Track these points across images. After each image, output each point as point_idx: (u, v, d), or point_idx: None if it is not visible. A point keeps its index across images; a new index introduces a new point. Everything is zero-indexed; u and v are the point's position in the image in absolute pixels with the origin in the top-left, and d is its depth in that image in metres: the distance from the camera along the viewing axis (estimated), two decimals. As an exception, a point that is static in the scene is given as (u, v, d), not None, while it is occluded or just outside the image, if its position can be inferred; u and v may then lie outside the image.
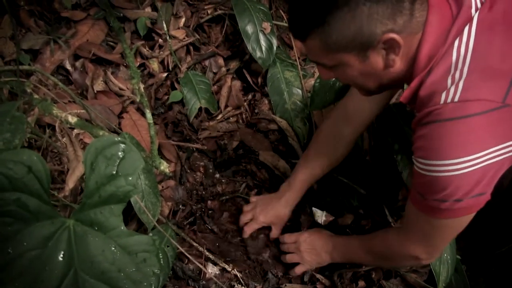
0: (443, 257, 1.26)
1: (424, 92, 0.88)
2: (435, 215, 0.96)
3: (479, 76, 0.82)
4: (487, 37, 0.84)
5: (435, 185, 0.89)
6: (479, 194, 0.88)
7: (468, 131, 0.83)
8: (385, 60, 0.91)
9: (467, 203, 0.89)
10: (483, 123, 0.82)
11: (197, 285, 1.38)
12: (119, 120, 1.57)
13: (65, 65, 1.63)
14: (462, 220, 0.96)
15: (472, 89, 0.82)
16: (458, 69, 0.84)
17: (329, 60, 0.94)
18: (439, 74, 0.87)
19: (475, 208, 0.92)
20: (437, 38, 0.87)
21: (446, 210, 0.92)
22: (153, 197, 1.31)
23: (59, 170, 1.41)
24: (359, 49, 0.89)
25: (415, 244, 1.09)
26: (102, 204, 0.83)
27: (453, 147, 0.84)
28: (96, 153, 0.83)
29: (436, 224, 0.99)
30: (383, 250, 1.21)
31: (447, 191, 0.88)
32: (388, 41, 0.87)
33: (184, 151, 1.64)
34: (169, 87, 1.79)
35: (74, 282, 0.79)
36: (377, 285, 1.47)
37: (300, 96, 1.74)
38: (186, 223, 1.49)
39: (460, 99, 0.82)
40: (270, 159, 1.66)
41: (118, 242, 0.82)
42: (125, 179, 0.83)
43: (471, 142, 0.83)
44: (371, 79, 0.97)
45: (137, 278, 0.82)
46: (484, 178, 0.86)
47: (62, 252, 0.80)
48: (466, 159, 0.83)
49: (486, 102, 0.81)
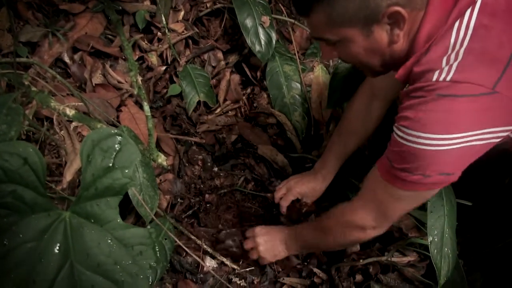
0: (444, 251, 1.25)
1: (418, 69, 0.89)
2: (398, 185, 0.96)
3: (474, 60, 0.83)
4: (488, 22, 0.83)
5: (410, 156, 0.90)
6: (449, 173, 0.89)
7: (454, 110, 0.83)
8: (390, 36, 0.91)
9: (434, 179, 0.90)
10: (470, 106, 0.82)
11: (195, 278, 1.38)
12: (117, 113, 1.57)
13: (63, 58, 1.62)
14: (423, 194, 0.98)
15: (465, 72, 0.82)
16: (454, 51, 0.84)
17: (333, 35, 0.94)
18: (436, 53, 0.87)
19: (439, 186, 0.94)
20: (438, 17, 0.87)
21: (411, 183, 0.92)
22: (151, 190, 1.30)
23: (57, 163, 1.41)
24: (364, 23, 0.89)
25: (365, 211, 1.08)
26: (98, 197, 0.82)
27: (437, 122, 0.85)
28: (93, 145, 0.82)
29: (396, 194, 0.99)
30: (331, 222, 1.20)
31: (419, 163, 0.89)
32: (393, 15, 0.86)
33: (183, 145, 1.64)
34: (167, 81, 1.78)
35: (70, 274, 0.78)
36: (375, 279, 1.46)
37: (299, 90, 1.73)
38: (184, 216, 1.49)
39: (452, 79, 0.82)
40: (268, 153, 1.66)
41: (114, 234, 0.82)
42: (122, 171, 0.82)
43: (455, 122, 0.84)
44: (375, 56, 0.97)
45: (133, 271, 0.81)
46: (459, 159, 0.88)
47: (58, 244, 0.80)
48: (447, 137, 0.84)
49: (475, 86, 0.81)
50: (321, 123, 1.70)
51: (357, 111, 1.40)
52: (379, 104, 1.36)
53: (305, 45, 1.93)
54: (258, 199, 1.60)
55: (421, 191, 0.95)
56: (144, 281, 0.81)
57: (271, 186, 1.61)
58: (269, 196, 1.58)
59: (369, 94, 1.37)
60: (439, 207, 1.24)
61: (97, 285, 0.79)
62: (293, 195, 1.48)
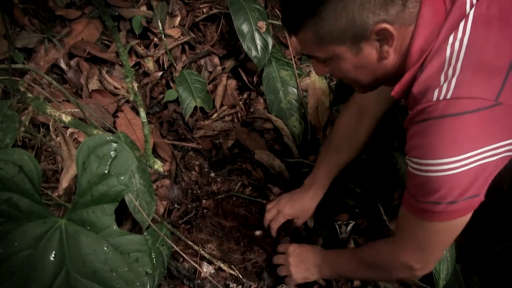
0: (443, 255, 1.25)
1: (417, 89, 0.87)
2: (429, 218, 0.93)
3: (472, 73, 0.80)
4: (483, 34, 0.82)
5: (429, 186, 0.87)
6: (473, 196, 0.86)
7: (460, 129, 0.81)
8: (379, 52, 0.90)
9: (461, 205, 0.87)
10: (475, 121, 0.80)
11: (192, 284, 1.37)
12: (114, 119, 1.56)
13: (59, 64, 1.62)
14: (457, 223, 0.93)
15: (465, 87, 0.80)
16: (451, 66, 0.82)
17: (323, 53, 0.93)
18: (432, 70, 0.85)
19: (469, 210, 0.90)
20: (430, 31, 0.86)
21: (440, 213, 0.89)
22: (148, 196, 1.30)
23: (53, 169, 1.40)
24: (352, 41, 0.88)
25: (408, 252, 1.04)
26: (94, 204, 0.82)
27: (445, 145, 0.82)
28: (88, 152, 0.82)
29: (430, 228, 0.96)
30: (374, 259, 1.17)
31: (440, 192, 0.86)
32: (381, 32, 0.85)
33: (179, 150, 1.64)
34: (164, 86, 1.78)
35: (66, 282, 0.78)
36: (373, 284, 1.46)
37: (295, 95, 1.73)
38: (181, 222, 1.49)
39: (453, 96, 0.80)
40: (265, 158, 1.66)
41: (110, 241, 0.82)
42: (117, 178, 0.82)
43: (463, 140, 0.81)
44: (365, 73, 0.95)
45: (129, 278, 0.81)
46: (478, 179, 0.84)
47: (54, 252, 0.80)
48: (458, 158, 0.81)
49: (478, 100, 0.79)
50: (317, 128, 1.70)
51: (346, 128, 1.39)
52: (368, 120, 1.34)
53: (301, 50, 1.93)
54: (255, 204, 1.59)
55: (455, 220, 0.92)
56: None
57: (268, 191, 1.61)
58: (265, 203, 1.57)
59: (358, 110, 1.35)
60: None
61: (93, 293, 0.79)
62: (284, 217, 1.45)
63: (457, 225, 0.95)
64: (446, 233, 0.97)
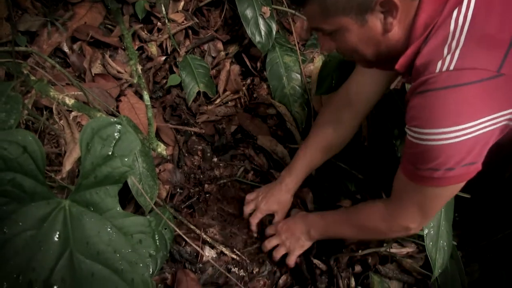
0: (439, 244, 1.26)
1: (420, 61, 0.89)
2: (428, 183, 0.96)
3: (475, 45, 0.82)
4: (486, 9, 0.84)
5: (428, 154, 0.90)
6: (471, 163, 0.89)
7: (462, 99, 0.83)
8: (384, 24, 0.91)
9: (459, 171, 0.90)
10: (477, 92, 0.82)
11: (194, 268, 1.38)
12: (117, 103, 1.56)
13: (62, 48, 1.61)
14: (454, 188, 0.97)
15: (468, 58, 0.82)
16: (455, 39, 0.84)
17: (329, 25, 0.94)
18: (436, 43, 0.87)
19: (466, 177, 0.93)
20: (434, 7, 0.88)
21: (438, 179, 0.92)
22: (151, 180, 1.30)
23: (56, 152, 1.40)
24: (357, 12, 0.90)
25: (406, 215, 1.09)
26: (97, 185, 0.82)
27: (446, 115, 0.84)
28: (92, 133, 0.82)
29: (428, 193, 1.00)
30: (371, 224, 1.20)
31: (439, 160, 0.89)
32: (385, 3, 0.87)
33: (182, 135, 1.64)
34: (167, 71, 1.77)
35: (70, 263, 0.78)
36: (373, 269, 1.47)
37: (299, 81, 1.72)
38: (184, 207, 1.49)
39: (456, 67, 0.82)
40: (268, 144, 1.65)
41: (113, 223, 0.81)
42: (121, 160, 0.82)
43: (465, 111, 0.83)
44: (370, 46, 0.97)
45: (133, 259, 0.81)
46: (476, 147, 0.87)
47: (58, 233, 0.79)
48: (459, 128, 0.84)
49: (481, 71, 0.81)
50: (320, 114, 1.69)
51: (328, 120, 1.39)
52: (352, 114, 1.34)
53: (306, 36, 1.93)
54: (256, 190, 1.59)
55: (451, 185, 0.96)
56: (143, 269, 0.81)
57: (270, 176, 1.61)
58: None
59: (343, 103, 1.34)
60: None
61: (97, 274, 0.79)
62: (261, 213, 1.45)
63: (454, 190, 0.99)
64: (443, 197, 1.01)
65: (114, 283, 0.79)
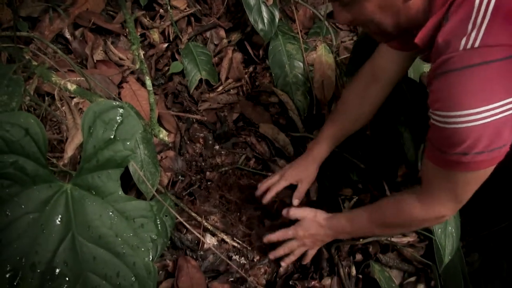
0: (448, 231, 1.26)
1: (443, 38, 0.84)
2: (457, 168, 0.92)
3: (502, 21, 0.78)
4: None
5: (455, 138, 0.85)
6: (500, 146, 0.85)
7: (488, 78, 0.78)
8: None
9: (488, 155, 0.85)
10: (503, 70, 0.77)
11: (195, 255, 1.38)
12: (118, 90, 1.56)
13: (64, 34, 1.61)
14: (485, 171, 0.92)
15: (494, 34, 0.77)
16: (480, 14, 0.79)
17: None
18: (459, 18, 0.82)
19: (496, 160, 0.88)
20: None
21: (467, 164, 0.88)
22: (152, 167, 1.30)
23: (58, 138, 1.40)
24: None
25: (441, 204, 1.04)
26: (99, 169, 0.82)
27: (472, 96, 0.80)
28: (94, 117, 0.82)
29: (459, 179, 0.95)
30: (405, 218, 1.14)
31: (467, 143, 0.84)
32: None
33: (184, 122, 1.63)
34: (169, 58, 1.77)
35: (72, 246, 0.79)
36: (374, 258, 1.47)
37: (301, 69, 1.71)
38: (185, 194, 1.49)
39: (481, 44, 0.77)
40: (270, 132, 1.65)
41: (115, 207, 0.82)
42: (123, 143, 0.82)
43: (491, 90, 0.79)
44: (388, 15, 0.92)
45: (134, 243, 0.81)
46: (505, 129, 0.82)
47: (60, 216, 0.80)
48: (486, 109, 0.79)
49: (508, 48, 0.77)
50: (323, 103, 1.69)
51: (355, 93, 1.37)
52: (378, 88, 1.32)
53: (308, 24, 1.92)
54: (259, 178, 1.59)
55: (483, 169, 0.91)
56: (145, 253, 0.81)
57: (272, 164, 1.61)
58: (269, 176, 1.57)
59: (369, 77, 1.32)
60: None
61: (99, 257, 0.79)
62: (286, 181, 1.42)
63: (485, 174, 0.93)
64: (475, 181, 0.96)
65: (116, 267, 0.79)
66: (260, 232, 1.46)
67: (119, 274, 0.79)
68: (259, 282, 1.38)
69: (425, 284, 1.44)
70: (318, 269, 1.41)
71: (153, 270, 0.81)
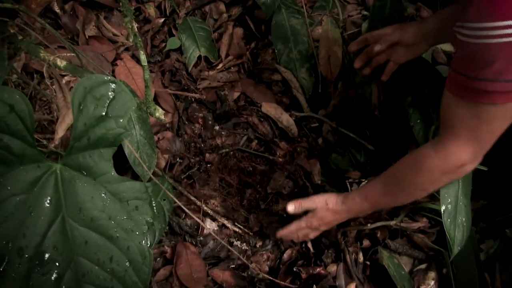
0: (457, 220, 1.24)
1: None
2: (483, 100, 0.84)
3: None
4: None
5: (483, 56, 0.78)
6: None
7: None
8: None
9: None
10: None
11: (194, 241, 1.38)
12: (112, 67, 1.54)
13: (53, 8, 1.58)
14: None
15: None
16: None
17: None
18: None
19: None
20: None
21: (496, 94, 0.81)
22: (149, 148, 1.28)
23: (49, 119, 1.39)
24: None
25: (460, 148, 0.95)
26: (91, 148, 0.81)
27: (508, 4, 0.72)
28: (85, 92, 0.80)
29: (484, 113, 0.87)
30: (419, 178, 1.06)
31: (497, 64, 0.77)
32: None
33: (182, 101, 1.62)
34: (166, 34, 1.75)
35: (62, 229, 0.78)
36: (382, 244, 1.46)
37: (306, 45, 1.69)
38: (183, 177, 1.48)
39: None
40: (272, 112, 1.64)
41: (108, 188, 0.81)
42: (116, 121, 0.80)
43: None
44: None
45: (128, 227, 0.80)
46: None
47: (49, 198, 0.79)
48: None
49: None
50: (329, 81, 1.67)
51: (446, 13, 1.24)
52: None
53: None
54: (261, 160, 1.58)
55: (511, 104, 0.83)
56: (140, 237, 0.80)
57: (275, 146, 1.60)
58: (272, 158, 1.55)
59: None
60: (453, 169, 1.22)
61: (90, 241, 0.78)
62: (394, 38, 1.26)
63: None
64: (501, 120, 0.89)
65: (109, 251, 0.78)
66: (262, 216, 1.46)
67: (112, 259, 0.78)
68: (262, 268, 1.38)
69: (436, 272, 1.43)
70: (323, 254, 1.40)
71: (149, 254, 0.79)
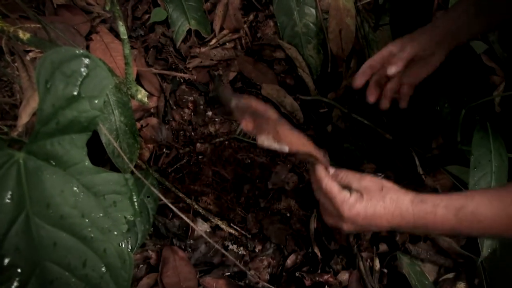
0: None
1: None
2: None
3: None
4: None
5: None
6: None
7: None
8: None
9: None
10: None
11: (184, 244, 1.38)
12: (87, 42, 1.55)
13: (14, -29, 1.57)
14: None
15: None
16: None
17: None
18: None
19: None
20: None
21: None
22: (130, 137, 1.28)
23: (11, 102, 1.38)
24: None
25: None
26: (60, 133, 0.79)
27: None
28: (53, 68, 0.78)
29: None
30: None
31: None
32: None
33: (169, 83, 1.63)
34: (150, 4, 1.75)
35: (26, 229, 0.76)
36: (402, 249, 1.46)
37: (313, 17, 1.69)
38: (171, 170, 1.49)
39: None
40: (274, 94, 1.64)
41: (81, 180, 0.79)
42: (90, 102, 0.79)
43: None
44: None
45: (105, 225, 0.79)
46: None
47: (10, 193, 0.77)
48: None
49: None
50: (340, 58, 1.67)
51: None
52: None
53: (322, -38, 1.88)
54: (260, 151, 1.58)
55: None
56: (118, 238, 0.79)
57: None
58: None
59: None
60: (486, 162, 1.21)
61: (60, 242, 0.77)
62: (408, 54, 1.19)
63: None
64: None
65: (82, 254, 0.77)
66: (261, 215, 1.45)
67: (85, 263, 0.77)
68: (261, 276, 1.38)
69: (467, 282, 1.42)
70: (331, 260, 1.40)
71: (129, 258, 0.78)
